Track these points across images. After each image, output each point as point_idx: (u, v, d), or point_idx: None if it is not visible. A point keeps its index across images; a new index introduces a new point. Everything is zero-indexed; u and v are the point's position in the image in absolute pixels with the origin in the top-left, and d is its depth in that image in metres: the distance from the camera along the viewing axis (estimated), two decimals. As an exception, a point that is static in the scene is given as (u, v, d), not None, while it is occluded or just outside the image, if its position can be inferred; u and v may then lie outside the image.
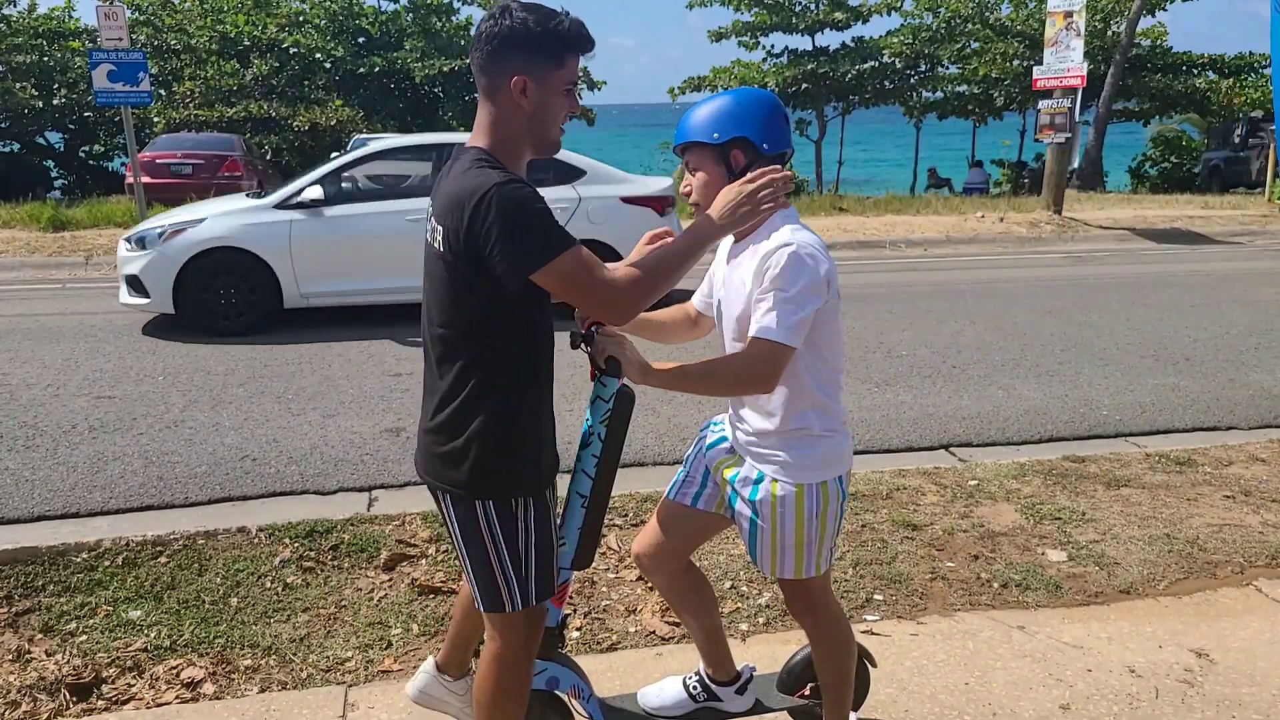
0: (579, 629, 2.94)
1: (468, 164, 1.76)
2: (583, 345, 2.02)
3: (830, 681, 2.22)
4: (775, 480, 2.02)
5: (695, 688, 2.37)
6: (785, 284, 1.87)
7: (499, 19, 1.75)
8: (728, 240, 2.11)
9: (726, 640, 2.38)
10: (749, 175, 1.90)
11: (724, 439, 2.20)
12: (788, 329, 1.86)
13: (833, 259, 1.97)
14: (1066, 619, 2.99)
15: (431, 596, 3.12)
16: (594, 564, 3.26)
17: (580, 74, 1.97)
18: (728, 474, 2.13)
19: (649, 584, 3.20)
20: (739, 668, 2.38)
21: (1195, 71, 22.86)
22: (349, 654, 2.79)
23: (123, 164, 19.58)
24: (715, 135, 1.97)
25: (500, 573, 1.84)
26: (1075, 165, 16.20)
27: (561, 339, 1.93)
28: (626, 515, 3.73)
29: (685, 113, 2.05)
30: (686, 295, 2.34)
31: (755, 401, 2.05)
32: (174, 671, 2.69)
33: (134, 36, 17.33)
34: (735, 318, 2.01)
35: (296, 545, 3.43)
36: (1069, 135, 13.42)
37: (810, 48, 24.15)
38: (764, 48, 24.19)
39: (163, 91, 20.92)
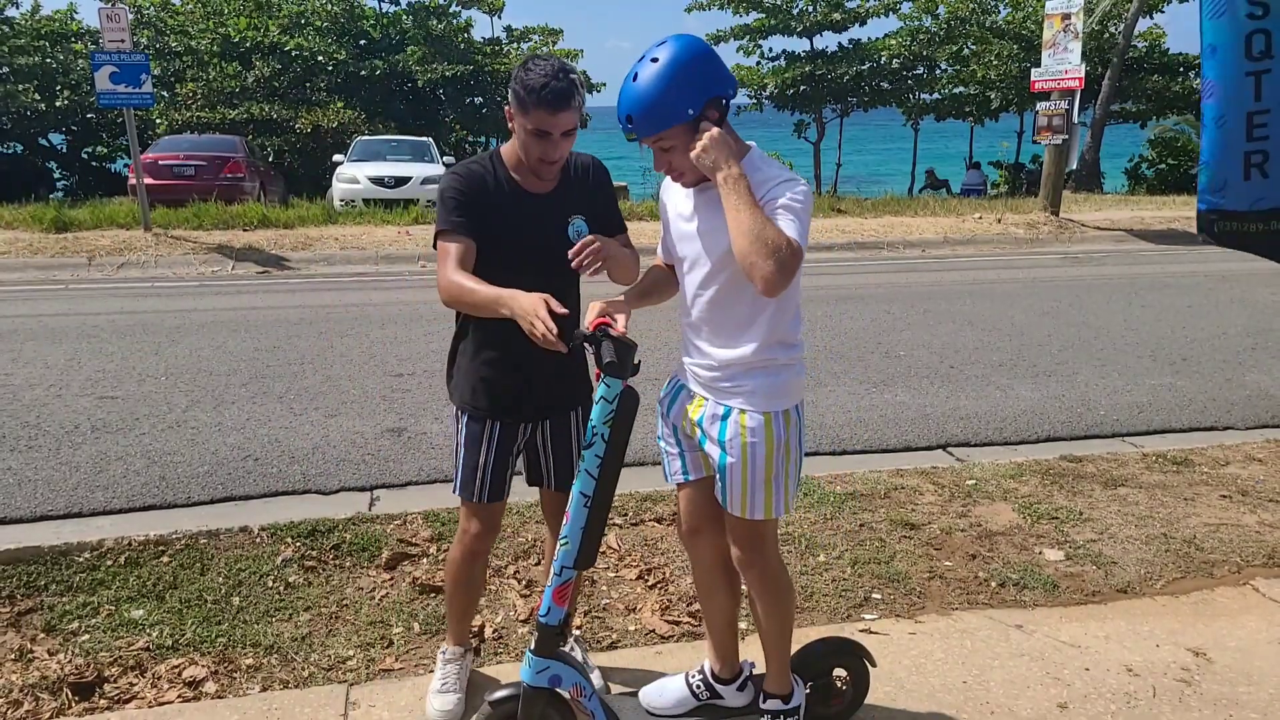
0: (579, 628, 2.96)
1: None
2: (586, 346, 2.04)
3: (774, 632, 2.26)
4: (743, 411, 2.07)
5: (699, 686, 2.38)
6: (796, 204, 1.91)
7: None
8: (684, 188, 2.11)
9: (738, 635, 2.40)
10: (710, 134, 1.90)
11: (680, 389, 2.23)
12: (800, 233, 1.90)
13: None
14: (1064, 618, 3.01)
15: (433, 595, 3.14)
16: (595, 563, 3.28)
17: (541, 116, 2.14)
18: (694, 416, 2.16)
19: (650, 583, 3.22)
20: (740, 662, 2.40)
21: (1193, 73, 22.87)
22: (351, 653, 2.81)
23: (125, 165, 19.63)
24: (690, 112, 1.93)
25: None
26: (1072, 167, 16.19)
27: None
28: (626, 515, 3.75)
29: (625, 94, 1.92)
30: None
31: (730, 335, 2.07)
32: (176, 670, 2.70)
33: (136, 38, 17.34)
34: (720, 249, 2.00)
35: (298, 545, 3.45)
36: (1066, 137, 13.43)
37: (808, 50, 24.20)
38: (762, 50, 24.24)
39: (165, 93, 20.94)
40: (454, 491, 2.43)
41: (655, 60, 1.91)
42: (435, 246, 2.25)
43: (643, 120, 1.94)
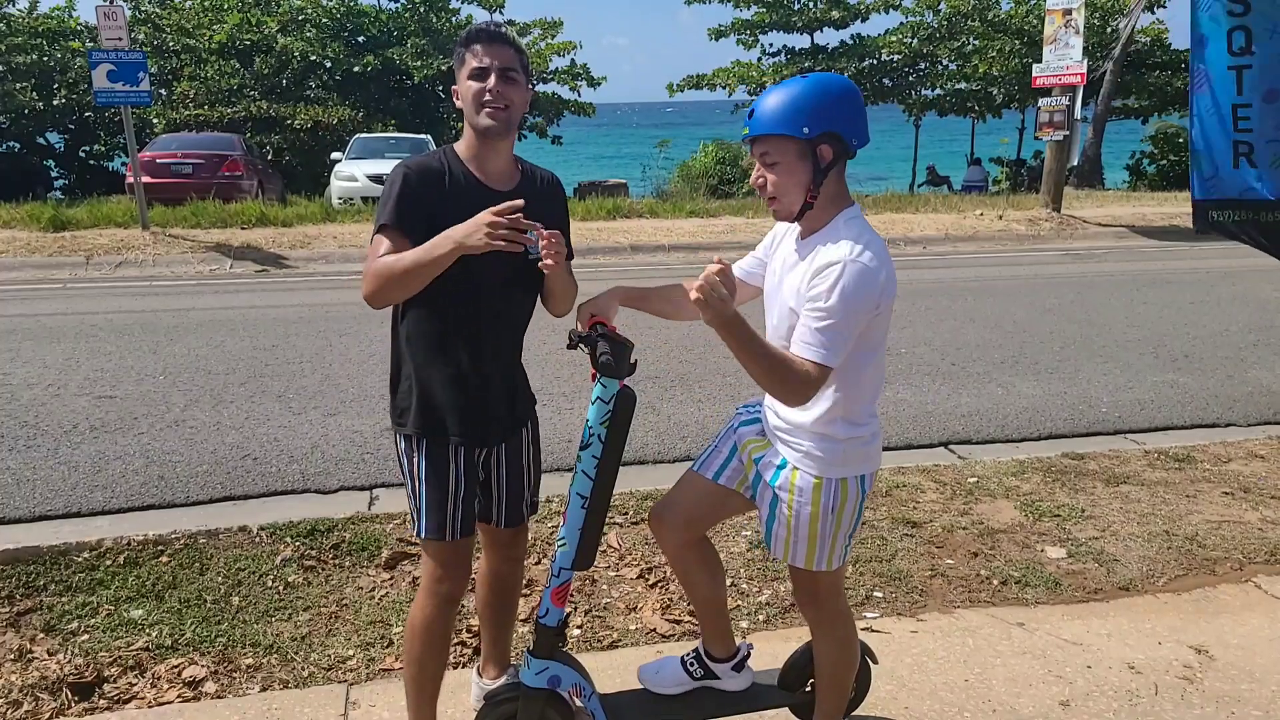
0: (579, 627, 2.95)
1: None
2: (581, 345, 2.02)
3: (826, 677, 2.23)
4: (796, 469, 2.04)
5: (693, 665, 2.37)
6: (835, 301, 1.83)
7: None
8: (795, 229, 2.07)
9: (728, 616, 2.39)
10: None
11: (757, 419, 2.22)
12: (829, 350, 1.84)
13: (893, 268, 1.90)
14: (1066, 616, 3.00)
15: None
16: (594, 563, 3.27)
17: (517, 68, 2.10)
18: (754, 454, 2.15)
19: (650, 583, 3.21)
20: (737, 644, 2.39)
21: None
22: (350, 652, 2.80)
23: (123, 164, 19.57)
24: (805, 130, 1.88)
25: (407, 498, 2.20)
26: (1074, 163, 16.15)
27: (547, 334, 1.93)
28: (626, 514, 3.74)
29: (760, 98, 1.94)
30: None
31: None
32: (176, 670, 2.70)
33: (134, 36, 17.29)
34: (783, 312, 2.00)
35: (298, 544, 3.44)
36: (1068, 133, 13.40)
37: (809, 46, 24.16)
38: (762, 46, 24.24)
39: (163, 91, 20.90)
40: (420, 535, 2.15)
41: (803, 78, 1.93)
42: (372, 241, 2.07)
43: (762, 117, 1.90)
